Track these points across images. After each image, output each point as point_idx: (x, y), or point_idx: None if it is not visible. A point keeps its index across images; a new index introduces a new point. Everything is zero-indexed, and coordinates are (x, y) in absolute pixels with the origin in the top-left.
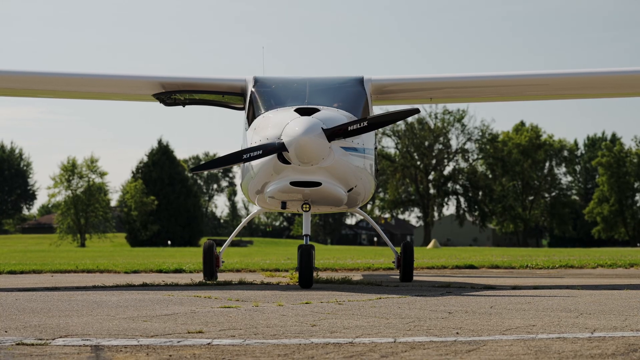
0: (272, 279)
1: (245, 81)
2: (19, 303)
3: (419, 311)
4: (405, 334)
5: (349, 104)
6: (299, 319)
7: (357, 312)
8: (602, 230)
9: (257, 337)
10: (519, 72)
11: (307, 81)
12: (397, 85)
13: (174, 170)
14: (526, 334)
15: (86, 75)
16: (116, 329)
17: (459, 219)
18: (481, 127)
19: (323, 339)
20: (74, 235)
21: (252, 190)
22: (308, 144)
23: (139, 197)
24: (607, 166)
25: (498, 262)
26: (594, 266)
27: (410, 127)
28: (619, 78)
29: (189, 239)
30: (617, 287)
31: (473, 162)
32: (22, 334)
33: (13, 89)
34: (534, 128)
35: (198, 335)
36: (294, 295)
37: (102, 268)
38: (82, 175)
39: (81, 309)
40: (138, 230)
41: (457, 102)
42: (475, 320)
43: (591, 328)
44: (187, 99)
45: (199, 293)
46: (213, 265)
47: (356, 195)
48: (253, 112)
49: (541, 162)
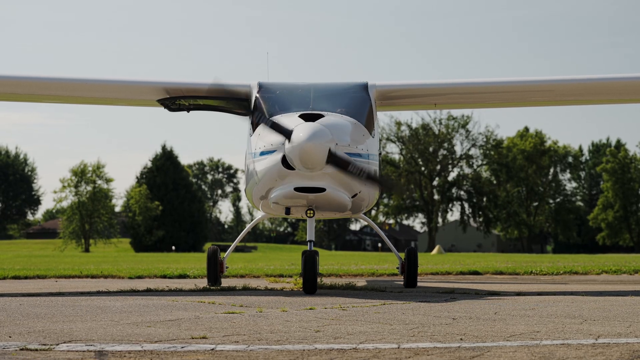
0: (276, 284)
1: (249, 87)
2: (23, 308)
3: (422, 317)
4: (409, 340)
5: (354, 109)
6: (303, 324)
7: (361, 318)
8: (607, 236)
9: (260, 343)
10: (523, 78)
11: (311, 87)
12: (402, 91)
13: (178, 176)
14: (530, 340)
15: (90, 80)
16: (120, 335)
17: (463, 225)
18: (485, 133)
19: (327, 344)
20: (78, 240)
21: (256, 196)
22: (312, 149)
23: (143, 202)
24: (611, 172)
25: (502, 268)
26: (598, 272)
27: (415, 132)
28: (624, 84)
29: (193, 245)
30: (622, 294)
31: (477, 168)
32: (26, 339)
33: (17, 94)
34: (538, 134)
35: (202, 340)
36: (298, 301)
37: (106, 273)
38: (89, 180)
39: (85, 315)
40: (142, 235)
41: (462, 108)
42: (479, 326)
43: (595, 334)
44: (191, 105)
45: (203, 298)
46: (217, 271)
47: (360, 201)
48: (257, 117)
49: (546, 168)
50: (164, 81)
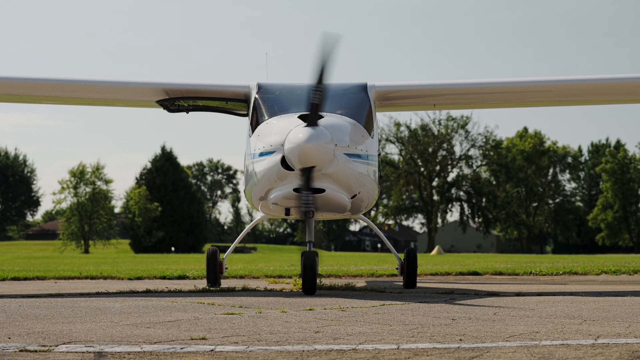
0: (276, 285)
1: (248, 87)
2: (22, 309)
3: (422, 318)
4: (409, 340)
5: (353, 110)
6: (302, 325)
7: (360, 319)
8: (606, 236)
9: (260, 344)
10: (522, 79)
11: (310, 88)
12: (401, 92)
13: (177, 177)
14: (529, 341)
15: (89, 81)
16: (119, 336)
17: (463, 226)
18: (485, 134)
19: (326, 345)
20: (77, 241)
21: (256, 197)
22: (311, 150)
23: (142, 203)
24: (611, 172)
25: (502, 269)
26: (597, 273)
27: (414, 133)
28: (623, 84)
29: (193, 245)
30: (621, 294)
31: (477, 168)
32: (25, 341)
33: (16, 95)
34: (537, 134)
35: (201, 341)
36: (298, 302)
37: (105, 274)
38: (88, 182)
39: (84, 316)
40: (142, 236)
41: (461, 108)
42: (478, 326)
43: (595, 335)
44: (190, 105)
45: (203, 299)
46: (216, 272)
47: (360, 201)
48: (257, 118)
49: (545, 168)
50: (163, 82)
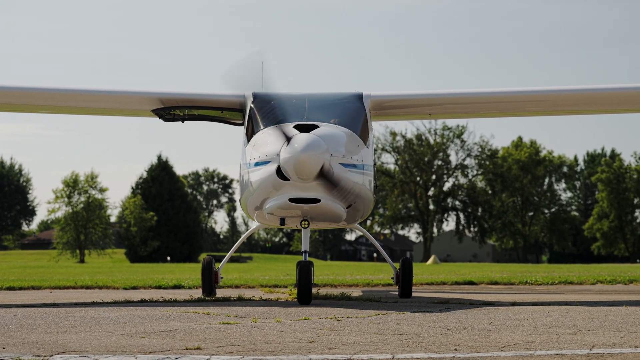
0: (271, 295)
1: (244, 97)
2: (17, 319)
3: (417, 327)
4: (404, 350)
5: (348, 120)
6: (298, 335)
7: (355, 329)
8: (602, 246)
9: (255, 354)
10: (518, 89)
11: (306, 97)
12: (397, 102)
13: (173, 186)
14: (524, 351)
15: (85, 91)
16: (114, 346)
17: (459, 235)
18: (480, 143)
19: (321, 355)
20: (72, 251)
21: (251, 207)
22: (306, 160)
23: (138, 212)
24: (606, 182)
25: (497, 278)
26: (593, 282)
27: (410, 143)
28: (619, 94)
29: (189, 255)
30: (617, 304)
31: (472, 178)
32: (20, 351)
33: (12, 104)
34: (533, 144)
35: (196, 351)
36: (293, 312)
37: (100, 284)
38: (82, 191)
39: (79, 326)
40: (137, 246)
41: (457, 118)
42: (473, 336)
43: (590, 344)
44: (186, 115)
45: (198, 309)
46: (212, 281)
47: (355, 211)
48: (252, 128)
49: (541, 178)
50: (158, 91)
